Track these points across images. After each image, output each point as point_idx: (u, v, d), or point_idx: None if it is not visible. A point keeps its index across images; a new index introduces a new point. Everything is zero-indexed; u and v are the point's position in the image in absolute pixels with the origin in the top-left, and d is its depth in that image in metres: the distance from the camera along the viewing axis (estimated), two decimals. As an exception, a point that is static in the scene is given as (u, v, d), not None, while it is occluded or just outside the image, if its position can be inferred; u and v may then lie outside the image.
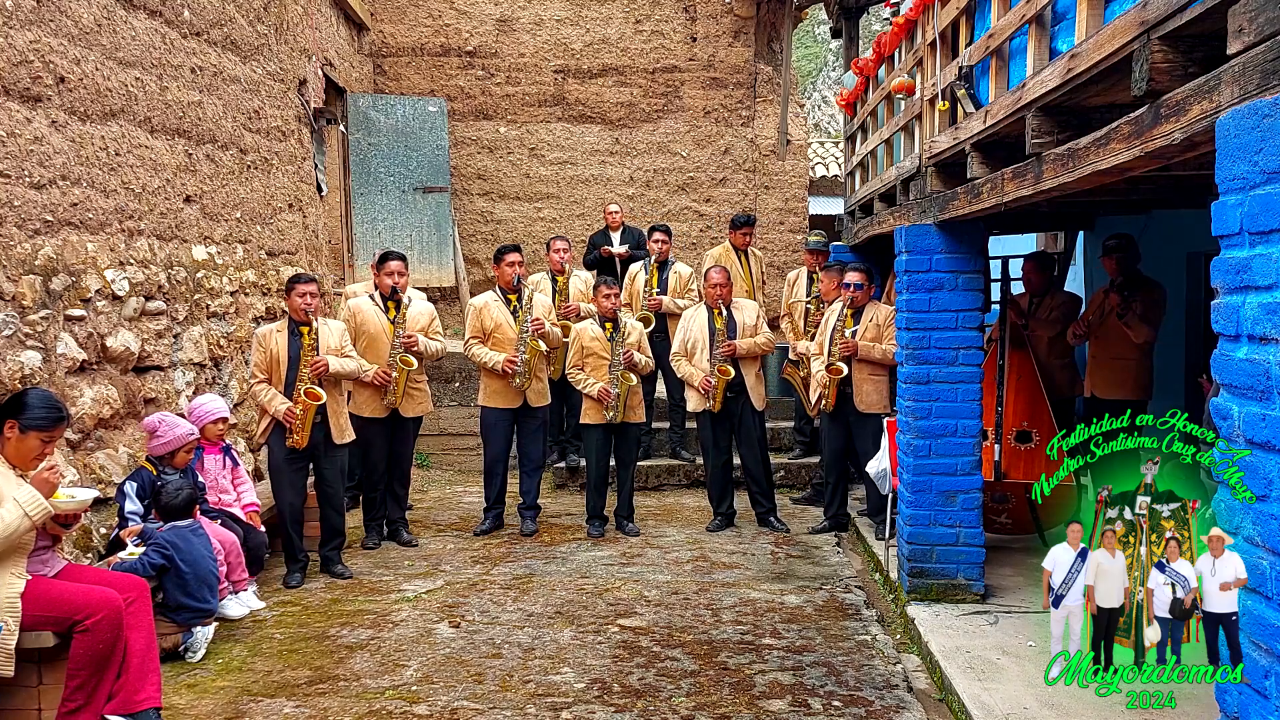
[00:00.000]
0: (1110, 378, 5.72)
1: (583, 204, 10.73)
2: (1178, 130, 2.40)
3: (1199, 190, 4.66)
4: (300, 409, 5.24)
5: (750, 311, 6.56)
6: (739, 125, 10.76)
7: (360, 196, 9.73)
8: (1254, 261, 2.00)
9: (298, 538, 5.49)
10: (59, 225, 4.50)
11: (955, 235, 4.78)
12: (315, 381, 5.28)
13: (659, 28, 10.66)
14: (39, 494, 3.38)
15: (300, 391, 5.25)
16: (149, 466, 4.71)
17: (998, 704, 3.63)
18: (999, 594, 4.90)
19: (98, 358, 4.80)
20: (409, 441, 6.31)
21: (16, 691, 3.52)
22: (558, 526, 6.71)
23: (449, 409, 8.71)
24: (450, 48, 10.58)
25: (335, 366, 5.42)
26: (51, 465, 3.49)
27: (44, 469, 3.46)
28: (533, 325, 6.28)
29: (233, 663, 4.32)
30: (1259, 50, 2.02)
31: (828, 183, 13.17)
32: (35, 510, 3.35)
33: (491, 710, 3.82)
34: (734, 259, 7.60)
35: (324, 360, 5.34)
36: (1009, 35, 3.58)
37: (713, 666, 4.25)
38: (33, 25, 4.29)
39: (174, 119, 5.62)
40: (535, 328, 6.29)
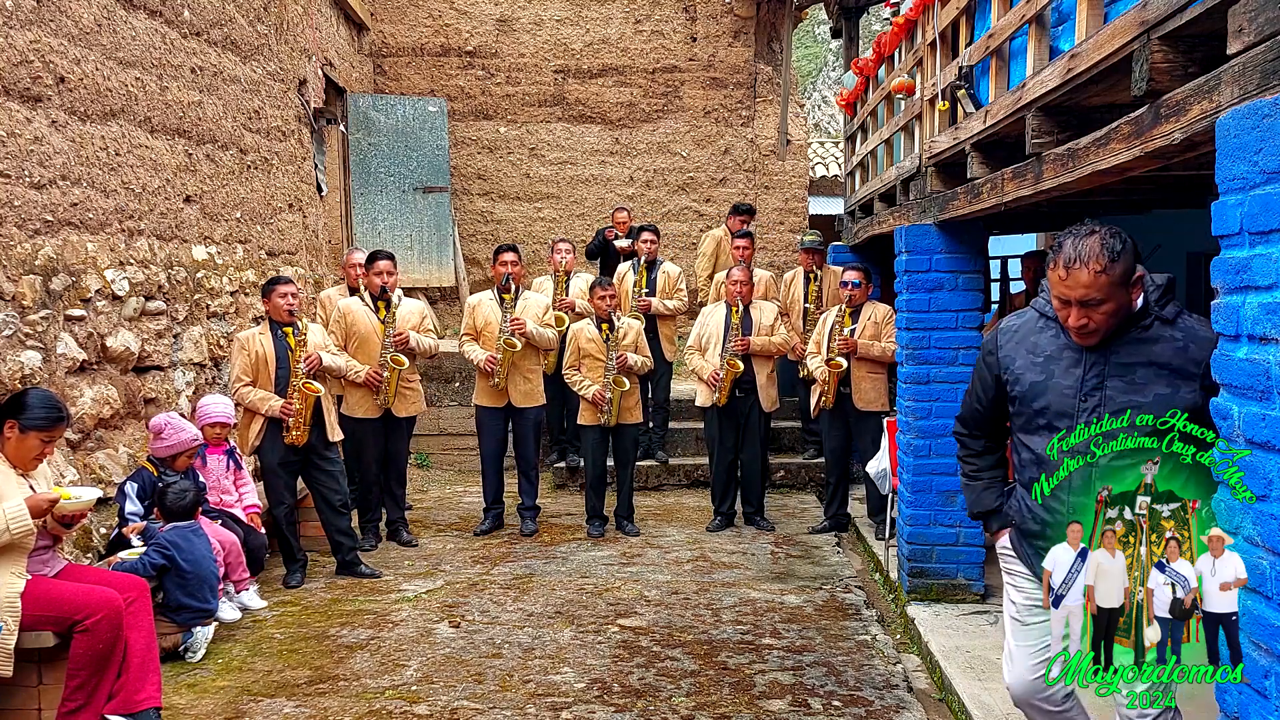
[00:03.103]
0: None
1: (583, 204, 10.73)
2: (1178, 130, 2.40)
3: (1199, 190, 4.66)
4: (299, 403, 5.23)
5: (769, 312, 6.57)
6: (739, 125, 10.76)
7: (360, 196, 9.73)
8: (1254, 261, 2.00)
9: (294, 538, 5.49)
10: (59, 225, 4.50)
11: (955, 235, 4.78)
12: (310, 376, 5.28)
13: (659, 28, 10.66)
14: (26, 510, 3.34)
15: (298, 385, 5.23)
16: (150, 467, 4.71)
17: (998, 704, 3.63)
18: (999, 594, 4.89)
19: (98, 358, 4.80)
20: (403, 441, 6.30)
21: (16, 691, 3.52)
22: (558, 526, 6.71)
23: (449, 409, 8.71)
24: (450, 48, 10.58)
25: (328, 361, 5.46)
26: (51, 498, 3.47)
27: (43, 496, 3.45)
28: (511, 325, 6.25)
29: (233, 663, 4.32)
30: (1259, 50, 2.02)
31: (828, 183, 13.17)
32: (18, 527, 3.32)
33: (491, 710, 3.82)
34: (728, 244, 7.76)
35: (316, 354, 5.34)
36: (1009, 35, 3.58)
37: (713, 666, 4.25)
38: (33, 25, 4.29)
39: (174, 119, 5.62)
40: (514, 327, 6.25)
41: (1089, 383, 2.39)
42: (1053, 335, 2.48)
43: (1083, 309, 2.33)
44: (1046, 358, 2.47)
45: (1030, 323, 2.56)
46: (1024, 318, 2.59)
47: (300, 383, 5.23)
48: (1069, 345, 2.44)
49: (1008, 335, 2.59)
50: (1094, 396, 2.38)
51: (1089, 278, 2.29)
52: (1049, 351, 2.47)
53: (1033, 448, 2.49)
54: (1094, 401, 2.38)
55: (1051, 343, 2.48)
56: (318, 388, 5.29)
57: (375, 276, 6.02)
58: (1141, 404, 2.35)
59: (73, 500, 3.55)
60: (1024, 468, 2.55)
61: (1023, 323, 2.58)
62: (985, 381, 2.65)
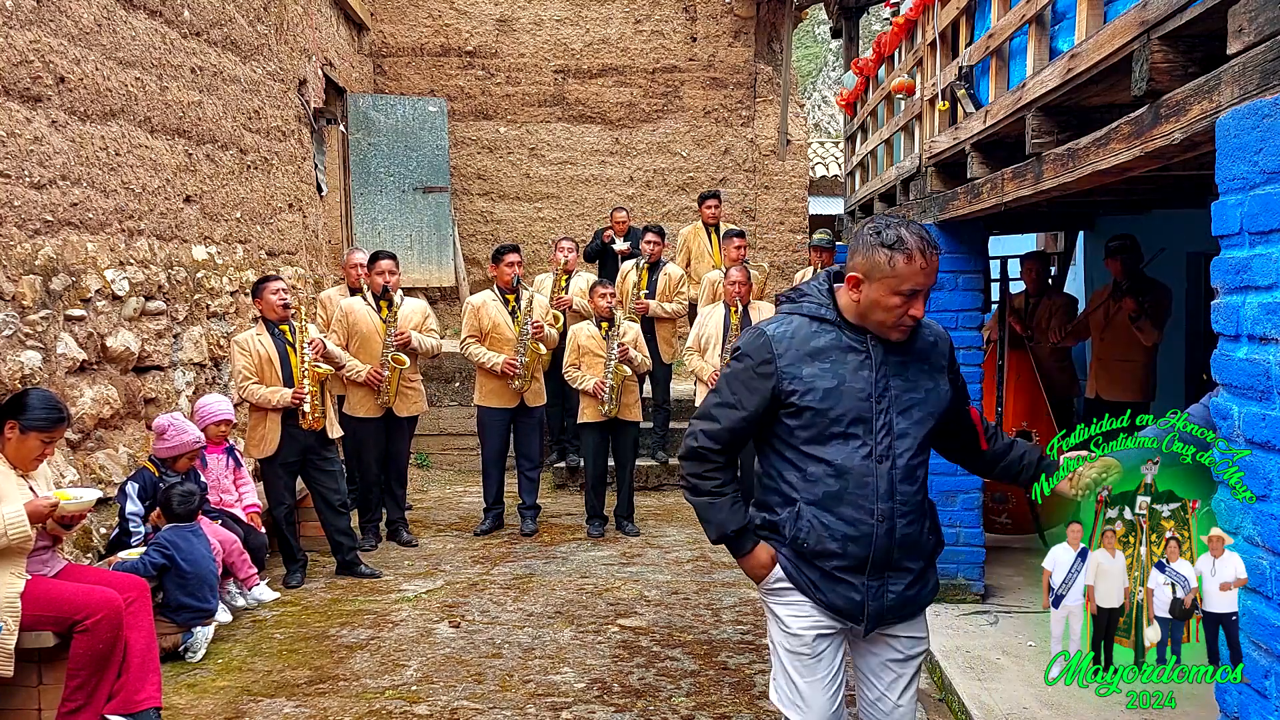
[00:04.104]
0: (1117, 380, 5.72)
1: (583, 204, 10.73)
2: (1178, 130, 2.40)
3: (1199, 190, 4.66)
4: (312, 384, 5.23)
5: (769, 312, 6.57)
6: (739, 125, 10.76)
7: (360, 196, 9.73)
8: (1254, 261, 2.00)
9: (294, 538, 5.49)
10: (59, 225, 4.50)
11: (955, 235, 4.78)
12: (318, 361, 5.29)
13: (659, 28, 10.66)
14: (24, 515, 3.34)
15: (306, 370, 5.23)
16: (150, 467, 4.71)
17: (998, 704, 3.63)
18: (999, 594, 4.90)
19: (98, 358, 4.80)
20: (404, 441, 6.30)
21: (16, 691, 3.52)
22: (558, 526, 6.71)
23: (449, 409, 8.71)
24: (450, 48, 10.58)
25: (331, 347, 5.50)
26: (51, 502, 3.47)
27: (43, 502, 3.44)
28: (533, 328, 6.29)
29: (233, 663, 4.32)
30: (1259, 50, 2.02)
31: (828, 183, 13.18)
32: (15, 533, 3.32)
33: (491, 710, 3.82)
34: (703, 235, 7.79)
35: (319, 340, 5.35)
36: (1009, 35, 3.58)
37: (713, 666, 4.25)
38: (33, 25, 4.29)
39: (174, 119, 5.62)
40: (535, 331, 6.29)
41: (879, 384, 2.31)
42: (832, 338, 2.34)
43: (921, 298, 2.27)
44: (833, 362, 2.33)
45: (803, 327, 2.37)
46: (792, 324, 2.38)
47: (307, 366, 5.22)
48: (851, 347, 2.34)
49: (784, 343, 2.35)
50: (885, 397, 2.31)
51: (938, 262, 2.28)
52: (834, 356, 2.33)
53: (828, 459, 2.31)
54: (886, 402, 2.31)
55: (833, 346, 2.34)
56: (326, 369, 5.31)
57: (377, 276, 6.02)
58: (918, 400, 2.34)
59: (73, 502, 3.55)
60: (816, 482, 2.33)
61: (794, 328, 2.37)
62: (760, 395, 2.35)
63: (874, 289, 2.27)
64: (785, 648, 2.42)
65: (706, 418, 2.44)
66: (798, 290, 2.48)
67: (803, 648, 2.39)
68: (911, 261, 2.23)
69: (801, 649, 2.39)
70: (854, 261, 2.32)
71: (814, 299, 2.40)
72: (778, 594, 2.42)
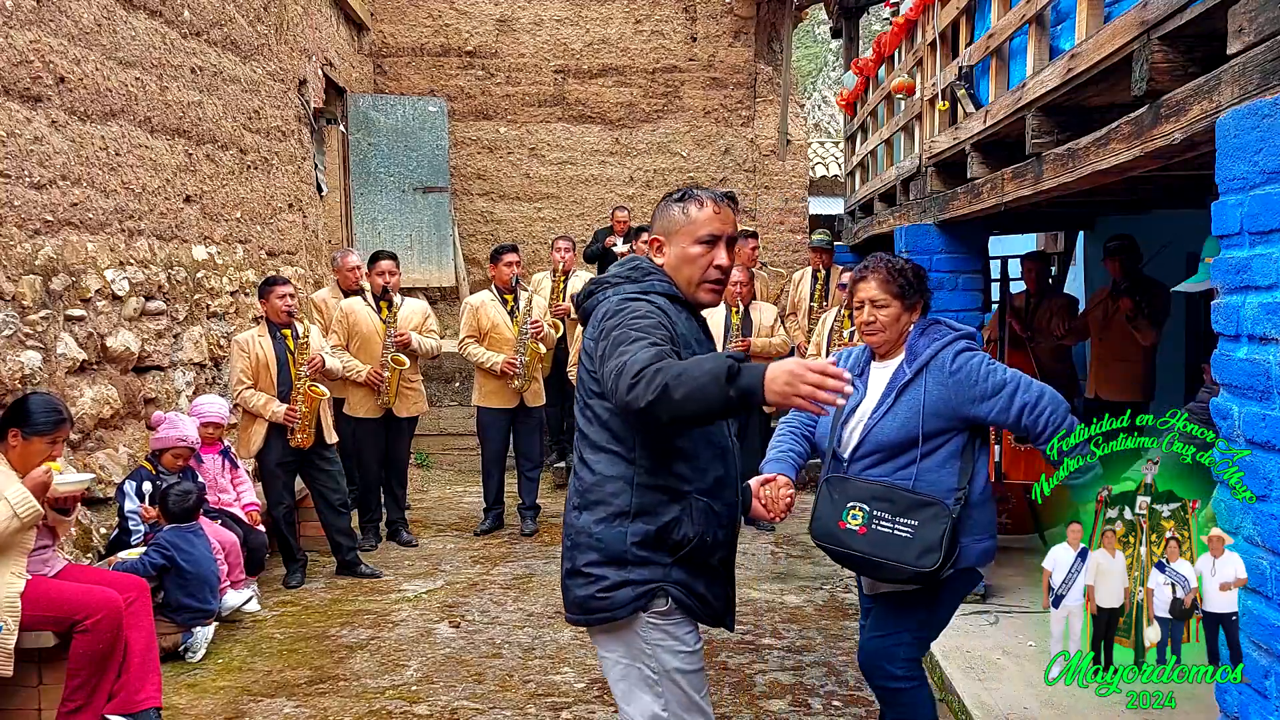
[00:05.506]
0: (1116, 380, 5.72)
1: (583, 204, 10.72)
2: (1178, 130, 2.40)
3: (1199, 190, 4.66)
4: (305, 406, 5.23)
5: (769, 313, 6.57)
6: (739, 125, 10.76)
7: (360, 196, 9.73)
8: (1254, 261, 2.00)
9: (293, 538, 5.49)
10: (59, 225, 4.50)
11: (955, 235, 4.78)
12: (315, 379, 5.28)
13: (659, 28, 10.65)
14: (31, 495, 3.34)
15: (303, 389, 5.24)
16: (149, 466, 4.71)
17: (998, 704, 3.63)
18: (999, 594, 4.90)
19: (98, 358, 4.80)
20: (404, 441, 6.31)
21: (16, 691, 3.52)
22: (558, 526, 6.70)
23: (449, 409, 8.71)
24: (450, 48, 10.57)
25: (329, 364, 5.46)
26: (45, 468, 3.46)
27: (38, 472, 3.44)
28: (532, 328, 6.28)
29: (233, 663, 4.32)
30: (1259, 50, 2.02)
31: (828, 183, 13.17)
32: (26, 511, 3.31)
33: (491, 710, 3.82)
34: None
35: (319, 357, 5.34)
36: (1009, 35, 3.58)
37: (713, 666, 4.25)
38: (33, 25, 4.29)
39: (174, 119, 5.62)
40: (535, 330, 6.29)
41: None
42: (685, 319, 2.25)
43: (723, 246, 2.27)
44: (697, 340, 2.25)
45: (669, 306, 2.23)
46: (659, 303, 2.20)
47: (305, 386, 5.23)
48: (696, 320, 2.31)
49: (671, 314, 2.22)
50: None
51: (732, 215, 2.30)
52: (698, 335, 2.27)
53: (716, 441, 2.23)
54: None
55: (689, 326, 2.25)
56: (323, 391, 5.29)
57: (377, 276, 6.03)
58: None
59: (65, 478, 3.53)
60: (707, 468, 2.20)
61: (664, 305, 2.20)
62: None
63: (675, 244, 2.26)
64: (684, 670, 2.20)
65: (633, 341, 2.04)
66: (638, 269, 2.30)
67: (699, 662, 2.25)
68: (704, 207, 2.24)
69: (698, 664, 2.25)
70: (655, 227, 2.31)
71: (659, 276, 2.28)
72: (665, 623, 2.20)
